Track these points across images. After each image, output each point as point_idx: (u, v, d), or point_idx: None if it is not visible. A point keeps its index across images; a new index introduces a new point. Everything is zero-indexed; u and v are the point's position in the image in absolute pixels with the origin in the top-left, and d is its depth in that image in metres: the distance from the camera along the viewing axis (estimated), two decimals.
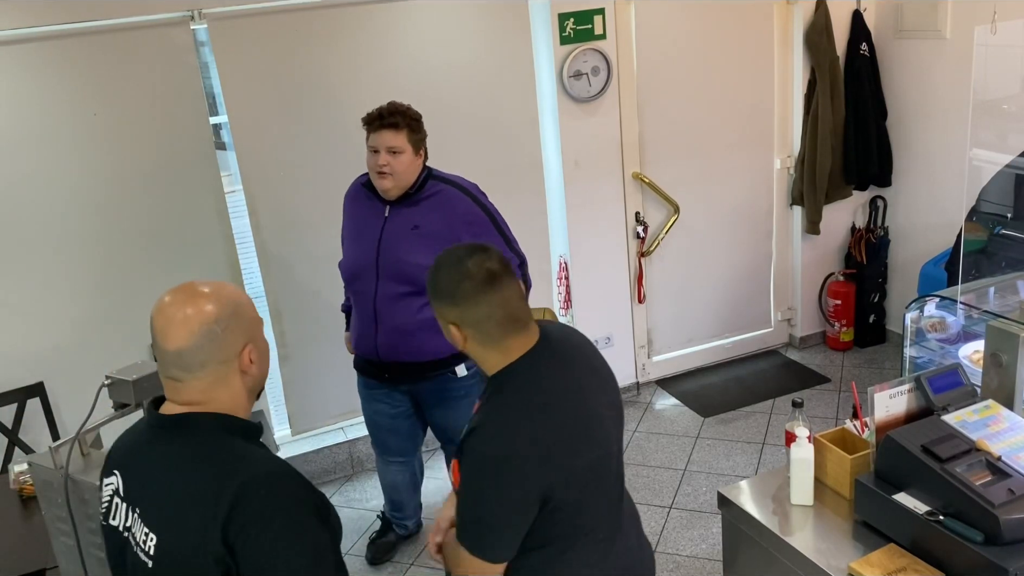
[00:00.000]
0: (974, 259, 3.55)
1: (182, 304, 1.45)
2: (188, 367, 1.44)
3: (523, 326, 1.70)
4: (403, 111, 2.85)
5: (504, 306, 1.66)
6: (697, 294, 4.70)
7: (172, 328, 1.43)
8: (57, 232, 3.44)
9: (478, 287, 1.64)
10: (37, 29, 3.24)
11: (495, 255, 1.68)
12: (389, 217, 2.91)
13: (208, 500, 1.37)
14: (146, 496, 1.47)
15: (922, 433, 1.90)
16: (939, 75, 4.27)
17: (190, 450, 1.45)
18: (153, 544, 1.43)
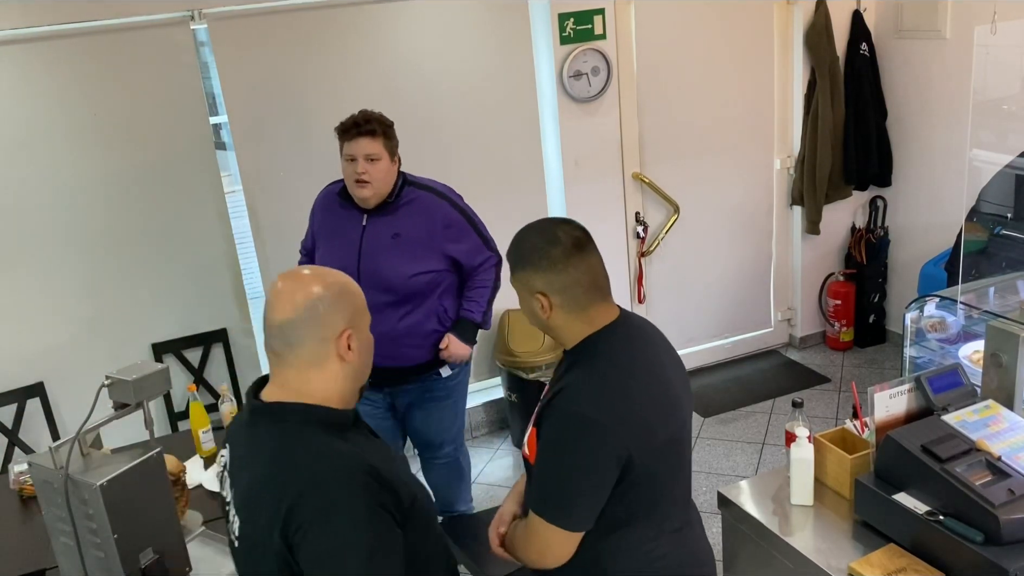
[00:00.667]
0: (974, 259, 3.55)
1: (291, 280, 1.53)
2: (289, 341, 1.49)
3: (606, 295, 1.74)
4: (378, 118, 2.82)
5: (590, 272, 1.70)
6: (697, 294, 4.70)
7: (279, 301, 1.51)
8: (57, 232, 3.44)
9: (568, 252, 1.67)
10: (37, 29, 3.24)
11: (578, 225, 1.73)
12: (368, 226, 2.86)
13: (275, 496, 1.40)
14: (237, 478, 1.53)
15: (922, 433, 1.90)
16: (939, 75, 4.27)
17: (273, 441, 1.48)
18: (237, 525, 1.50)
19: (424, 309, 2.89)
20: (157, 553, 1.95)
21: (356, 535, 1.38)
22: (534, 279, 1.68)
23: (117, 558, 1.87)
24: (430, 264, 2.85)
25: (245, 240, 3.77)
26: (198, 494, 2.57)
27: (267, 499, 1.41)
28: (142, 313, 3.62)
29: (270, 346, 1.52)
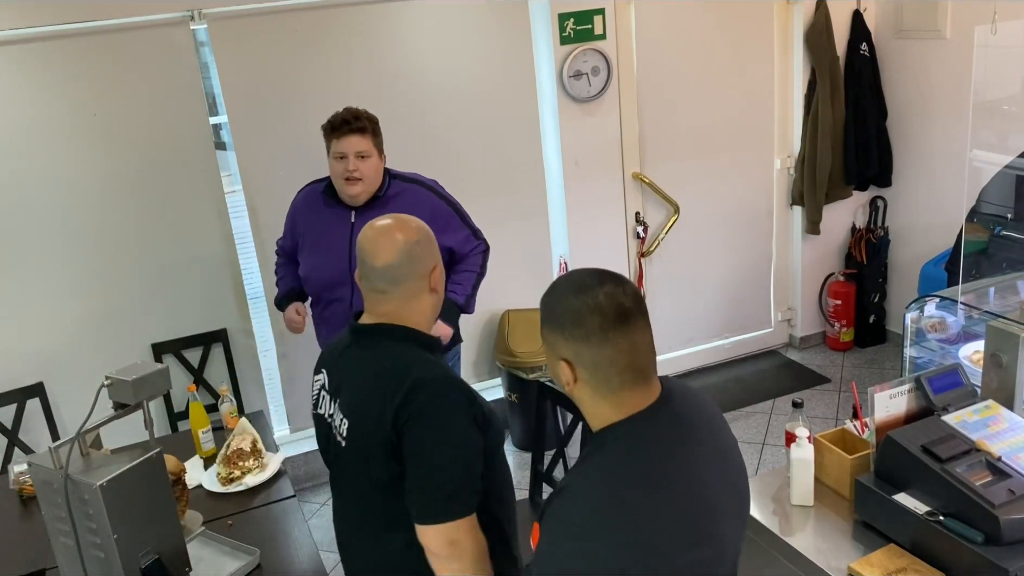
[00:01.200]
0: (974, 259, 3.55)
1: (388, 228, 1.78)
2: (394, 280, 1.75)
3: (645, 378, 1.42)
4: (367, 115, 2.84)
5: (632, 351, 1.39)
6: (697, 294, 4.70)
7: (379, 248, 1.75)
8: (57, 232, 3.44)
9: (608, 324, 1.37)
10: (37, 29, 3.24)
11: (631, 288, 1.42)
12: (356, 223, 2.86)
13: (388, 392, 1.67)
14: (344, 388, 1.80)
15: (922, 433, 1.90)
16: (939, 75, 4.27)
17: (381, 351, 1.76)
18: (346, 427, 1.76)
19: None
20: (157, 553, 1.95)
21: (453, 429, 1.67)
22: (562, 345, 1.42)
23: (117, 558, 1.87)
24: None
25: (245, 240, 3.77)
26: (198, 494, 2.57)
27: (379, 396, 1.68)
28: (142, 313, 3.62)
29: (372, 286, 1.77)
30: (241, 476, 2.61)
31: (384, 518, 1.77)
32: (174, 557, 2.01)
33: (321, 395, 1.88)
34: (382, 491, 1.73)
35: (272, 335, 3.88)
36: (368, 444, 1.71)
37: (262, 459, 2.69)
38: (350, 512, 1.90)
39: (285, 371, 3.91)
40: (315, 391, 1.91)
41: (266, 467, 2.67)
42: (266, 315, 3.86)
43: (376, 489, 1.75)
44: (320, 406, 1.89)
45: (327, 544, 3.65)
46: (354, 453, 1.76)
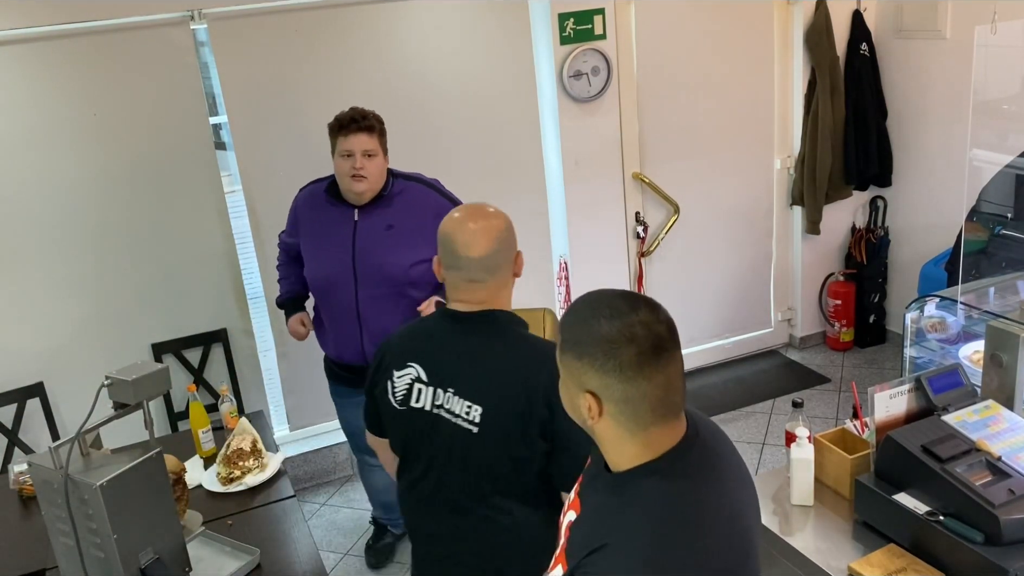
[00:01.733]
0: (974, 259, 3.54)
1: (480, 218, 1.83)
2: (490, 268, 1.81)
3: (676, 414, 1.29)
4: (374, 115, 2.86)
5: (666, 385, 1.25)
6: (697, 294, 4.70)
7: (476, 239, 1.79)
8: (57, 232, 3.44)
9: (645, 358, 1.23)
10: (37, 29, 3.24)
11: (665, 316, 1.28)
12: (360, 221, 2.88)
13: (531, 372, 1.73)
14: (461, 376, 1.81)
15: (922, 433, 1.90)
16: (939, 75, 4.27)
17: (497, 336, 1.82)
18: (479, 413, 1.77)
19: (424, 299, 2.91)
20: (157, 553, 1.95)
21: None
22: (589, 376, 1.26)
23: (117, 558, 1.87)
24: (425, 252, 2.87)
25: (245, 240, 3.77)
26: (198, 494, 2.58)
27: (519, 377, 1.75)
28: (142, 313, 3.62)
29: (467, 276, 1.81)
30: (241, 476, 2.61)
31: (519, 494, 1.81)
32: (174, 557, 2.01)
33: (414, 388, 1.86)
34: (516, 468, 1.78)
35: (272, 335, 3.88)
36: (509, 425, 1.75)
37: (262, 459, 2.69)
38: (461, 496, 1.86)
39: (285, 371, 3.91)
40: (401, 386, 1.88)
41: (266, 467, 2.67)
42: (266, 315, 3.86)
43: (510, 467, 1.79)
44: (414, 399, 1.86)
45: (327, 544, 3.65)
46: (489, 436, 1.77)
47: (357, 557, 3.55)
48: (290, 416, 4.00)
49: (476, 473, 1.81)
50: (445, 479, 1.86)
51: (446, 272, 1.84)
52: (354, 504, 3.93)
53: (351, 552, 3.60)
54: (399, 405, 1.88)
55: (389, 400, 1.90)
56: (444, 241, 1.83)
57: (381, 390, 1.92)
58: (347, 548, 3.62)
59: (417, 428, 1.87)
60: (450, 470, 1.85)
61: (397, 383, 1.89)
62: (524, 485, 1.80)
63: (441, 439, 1.84)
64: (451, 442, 1.82)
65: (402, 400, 1.88)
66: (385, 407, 1.92)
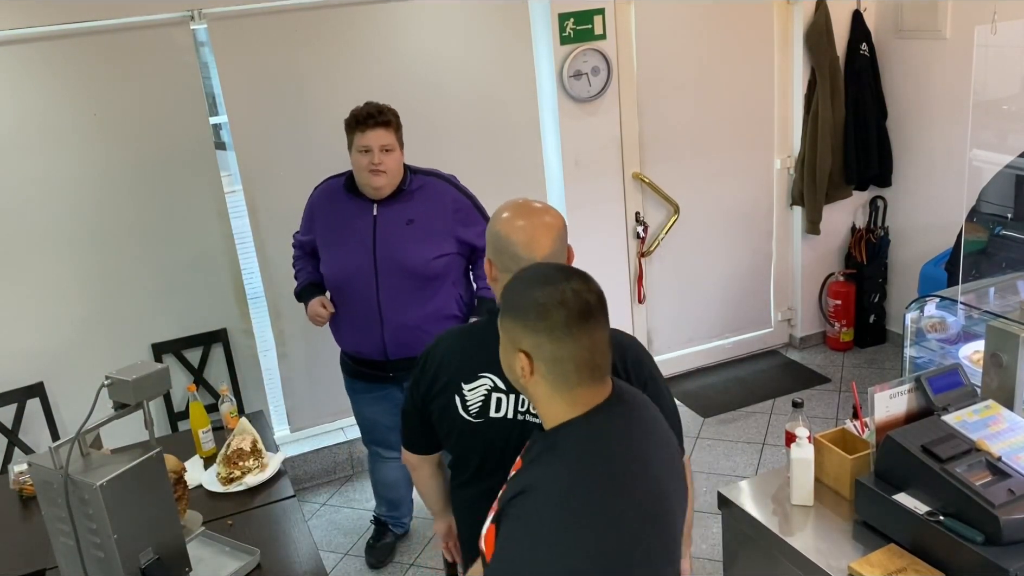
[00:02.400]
0: (974, 259, 3.54)
1: (538, 216, 1.77)
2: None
3: (601, 376, 1.45)
4: (389, 109, 2.87)
5: (592, 348, 1.41)
6: (697, 294, 4.70)
7: (536, 239, 1.74)
8: (57, 232, 3.44)
9: (572, 320, 1.39)
10: (37, 29, 3.24)
11: (595, 287, 1.46)
12: (379, 215, 2.89)
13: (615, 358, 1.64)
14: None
15: (922, 433, 1.90)
16: (939, 75, 4.27)
17: None
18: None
19: (444, 293, 2.94)
20: (157, 553, 1.95)
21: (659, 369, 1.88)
22: (522, 337, 1.42)
23: (117, 558, 1.87)
24: (445, 247, 2.90)
25: (245, 240, 3.77)
26: (198, 494, 2.57)
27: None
28: (142, 313, 3.62)
29: None
30: (241, 476, 2.61)
31: None
32: (174, 557, 2.01)
33: (492, 398, 1.78)
34: None
35: (272, 335, 3.88)
36: None
37: (262, 459, 2.69)
38: None
39: (285, 371, 3.91)
40: (476, 398, 1.79)
41: (266, 467, 2.67)
42: (266, 315, 3.86)
43: None
44: (493, 409, 1.78)
45: (327, 544, 3.65)
46: None
47: (357, 557, 3.55)
48: (290, 417, 4.00)
49: None
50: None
51: (503, 274, 1.75)
52: (354, 504, 3.93)
53: (351, 552, 3.60)
54: (475, 418, 1.79)
55: (459, 415, 1.80)
56: (501, 243, 1.75)
57: (442, 406, 1.81)
58: (347, 548, 3.63)
59: (500, 437, 1.79)
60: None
61: (469, 396, 1.79)
62: None
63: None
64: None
65: (478, 412, 1.79)
66: (452, 423, 1.81)
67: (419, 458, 2.00)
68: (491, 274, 1.81)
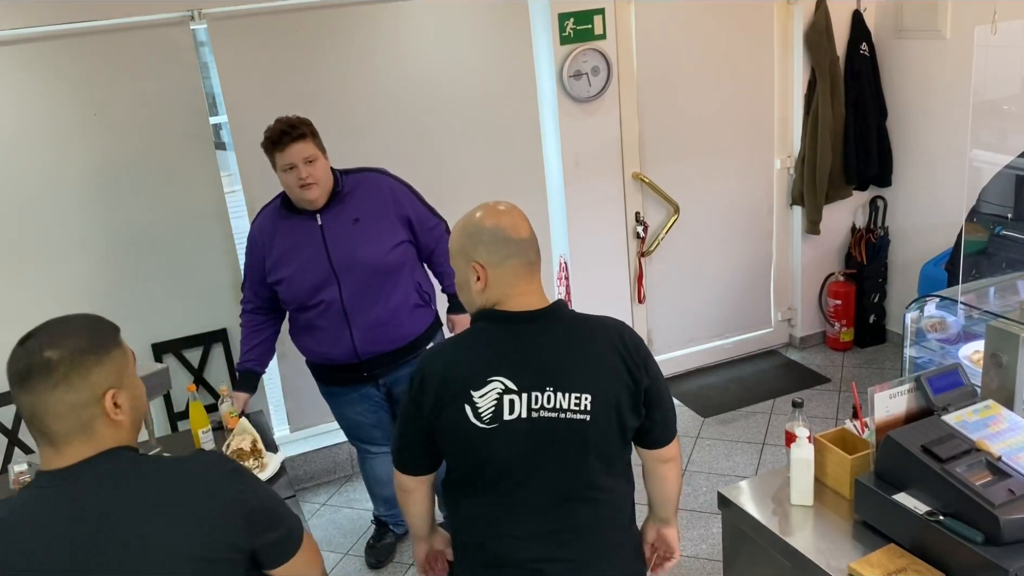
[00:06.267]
0: (974, 259, 3.55)
1: (508, 205, 1.86)
2: (537, 249, 1.86)
3: (49, 442, 1.44)
4: (301, 121, 2.85)
5: (31, 413, 1.44)
6: (697, 294, 4.70)
7: (517, 220, 1.83)
8: (57, 232, 3.44)
9: (10, 382, 1.47)
10: (37, 29, 3.24)
11: (46, 347, 1.52)
12: (325, 224, 2.88)
13: (621, 346, 1.83)
14: (558, 371, 1.79)
15: (922, 433, 1.90)
16: (939, 75, 4.27)
17: (574, 322, 1.87)
18: (588, 401, 1.78)
19: (404, 284, 2.95)
20: None
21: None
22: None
23: None
24: (397, 236, 2.93)
25: (245, 240, 3.76)
26: None
27: (614, 354, 1.82)
28: (142, 313, 3.62)
29: (528, 259, 1.83)
30: None
31: (618, 470, 1.89)
32: None
33: (504, 400, 1.78)
34: (624, 443, 1.88)
35: None
36: (621, 402, 1.81)
37: (262, 459, 2.68)
38: (574, 486, 1.84)
39: (285, 371, 3.91)
40: (487, 404, 1.78)
41: (266, 467, 2.67)
42: None
43: (620, 444, 1.86)
44: (507, 412, 1.78)
45: (327, 544, 3.65)
46: (603, 420, 1.80)
47: (357, 557, 3.55)
48: (290, 417, 4.00)
49: (591, 460, 1.82)
50: (556, 479, 1.82)
51: (497, 269, 1.80)
52: (354, 504, 3.93)
53: (351, 552, 3.60)
54: (488, 424, 1.78)
55: (471, 424, 1.78)
56: (486, 234, 1.80)
57: (451, 419, 1.80)
58: (347, 548, 3.63)
59: (515, 439, 1.79)
60: (559, 468, 1.81)
61: (480, 403, 1.78)
62: (622, 459, 1.90)
63: (545, 442, 1.79)
64: (564, 439, 1.79)
65: (492, 418, 1.78)
66: (462, 433, 1.80)
67: (417, 480, 1.96)
68: (483, 279, 1.81)
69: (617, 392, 1.80)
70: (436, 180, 3.88)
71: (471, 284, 1.84)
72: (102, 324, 1.56)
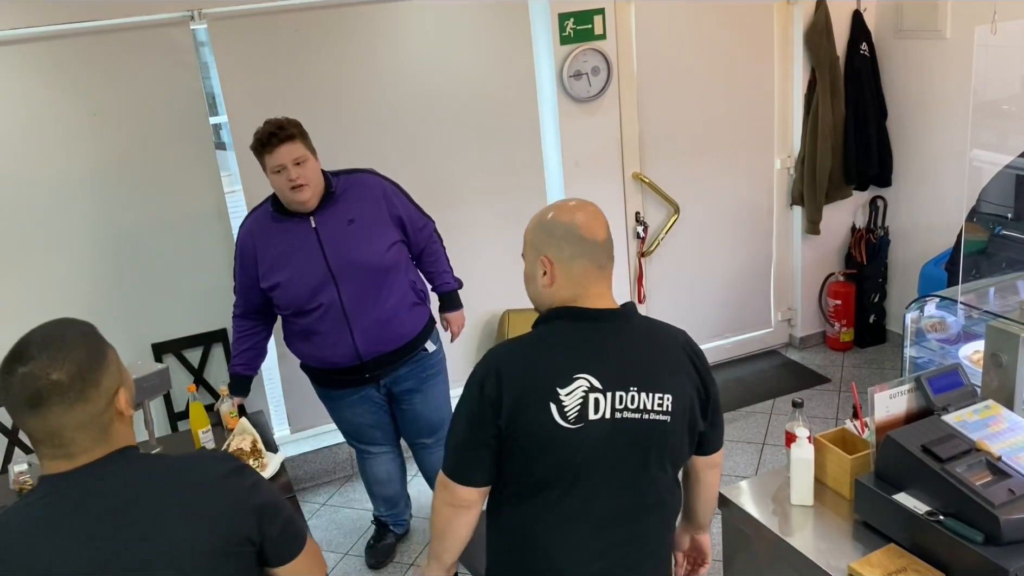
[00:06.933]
0: (974, 259, 3.54)
1: (590, 205, 1.87)
2: (611, 255, 1.85)
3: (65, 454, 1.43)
4: (290, 122, 2.82)
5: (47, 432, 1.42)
6: (697, 294, 4.70)
7: (596, 221, 1.84)
8: (57, 232, 3.44)
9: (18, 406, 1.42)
10: (37, 29, 3.24)
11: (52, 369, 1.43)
12: (319, 226, 2.85)
13: (690, 351, 1.86)
14: (641, 371, 1.77)
15: (922, 433, 1.90)
16: (939, 75, 4.27)
17: (649, 325, 1.87)
18: (669, 402, 1.77)
19: (400, 284, 2.96)
20: None
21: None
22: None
23: None
24: (391, 235, 2.94)
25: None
26: None
27: (685, 358, 1.83)
28: (142, 313, 3.62)
29: (599, 263, 1.81)
30: None
31: (680, 476, 1.92)
32: None
33: (590, 399, 1.71)
34: (691, 445, 1.88)
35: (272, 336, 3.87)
36: (694, 404, 1.82)
37: (262, 459, 2.69)
38: (649, 492, 1.80)
39: (285, 371, 3.91)
40: (574, 402, 1.71)
41: (266, 467, 2.67)
42: None
43: (689, 446, 1.87)
44: (592, 411, 1.72)
45: (327, 544, 3.65)
46: (681, 421, 1.79)
47: (357, 557, 3.55)
48: (291, 419, 4.00)
49: (670, 462, 1.82)
50: (631, 483, 1.77)
51: (566, 266, 1.77)
52: (354, 504, 3.93)
53: (351, 552, 3.60)
54: (574, 424, 1.70)
55: (556, 424, 1.70)
56: (559, 230, 1.78)
57: (533, 420, 1.70)
58: (347, 548, 3.63)
59: (596, 441, 1.72)
60: (637, 472, 1.76)
61: (567, 401, 1.71)
62: (683, 465, 1.93)
63: (627, 443, 1.74)
64: (643, 441, 1.75)
65: (577, 417, 1.71)
66: (546, 435, 1.70)
67: (479, 492, 1.80)
68: (550, 274, 1.78)
69: (691, 395, 1.81)
70: (436, 180, 3.88)
71: (538, 278, 1.81)
72: (85, 327, 1.55)
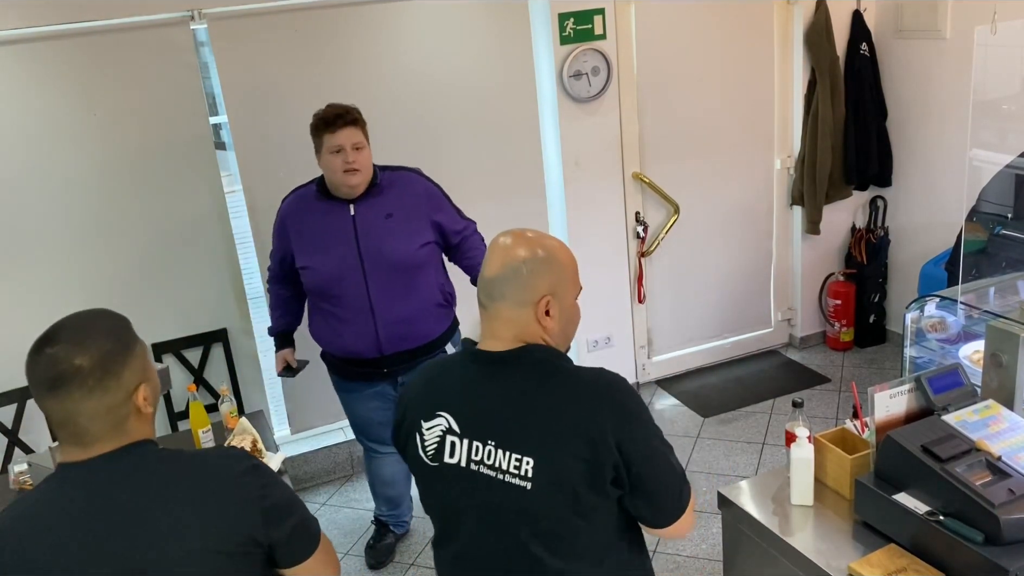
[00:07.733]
0: (974, 259, 3.55)
1: (510, 237, 1.65)
2: (492, 295, 1.62)
3: (79, 442, 1.48)
4: (355, 108, 2.89)
5: (63, 415, 1.54)
6: (697, 294, 4.70)
7: (495, 256, 1.63)
8: (56, 232, 3.44)
9: (39, 389, 1.60)
10: (37, 29, 3.24)
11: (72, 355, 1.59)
12: (358, 214, 2.90)
13: (591, 413, 1.53)
14: (502, 425, 1.56)
15: (922, 433, 1.90)
16: (939, 75, 4.27)
17: (540, 376, 1.58)
18: (531, 467, 1.53)
19: (429, 283, 2.98)
20: None
21: (659, 433, 1.61)
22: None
23: None
24: (425, 235, 2.96)
25: (245, 240, 3.77)
26: None
27: (577, 420, 1.52)
28: (142, 313, 3.58)
29: (480, 300, 1.62)
30: None
31: (591, 554, 1.59)
32: None
33: (446, 440, 1.60)
34: (588, 520, 1.56)
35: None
36: (573, 476, 1.52)
37: (262, 459, 2.68)
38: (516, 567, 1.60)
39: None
40: (432, 438, 1.62)
41: None
42: (266, 315, 3.85)
43: (581, 524, 1.56)
44: (447, 454, 1.60)
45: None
46: (548, 492, 1.53)
47: (357, 557, 3.55)
48: (291, 418, 4.00)
49: (534, 538, 1.57)
50: (492, 550, 1.61)
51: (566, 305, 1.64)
52: (354, 504, 3.93)
53: (351, 552, 3.60)
54: (431, 461, 1.62)
55: (420, 457, 1.64)
56: (572, 268, 1.66)
57: (412, 448, 1.66)
58: (347, 548, 3.62)
59: (454, 488, 1.61)
60: (498, 537, 1.59)
61: (427, 435, 1.62)
62: (580, 539, 1.57)
63: (484, 501, 1.58)
64: (499, 504, 1.57)
65: (434, 455, 1.62)
66: (417, 467, 1.66)
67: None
68: (553, 315, 1.59)
69: (567, 462, 1.52)
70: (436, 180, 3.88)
71: (550, 324, 1.64)
72: (118, 320, 1.59)
